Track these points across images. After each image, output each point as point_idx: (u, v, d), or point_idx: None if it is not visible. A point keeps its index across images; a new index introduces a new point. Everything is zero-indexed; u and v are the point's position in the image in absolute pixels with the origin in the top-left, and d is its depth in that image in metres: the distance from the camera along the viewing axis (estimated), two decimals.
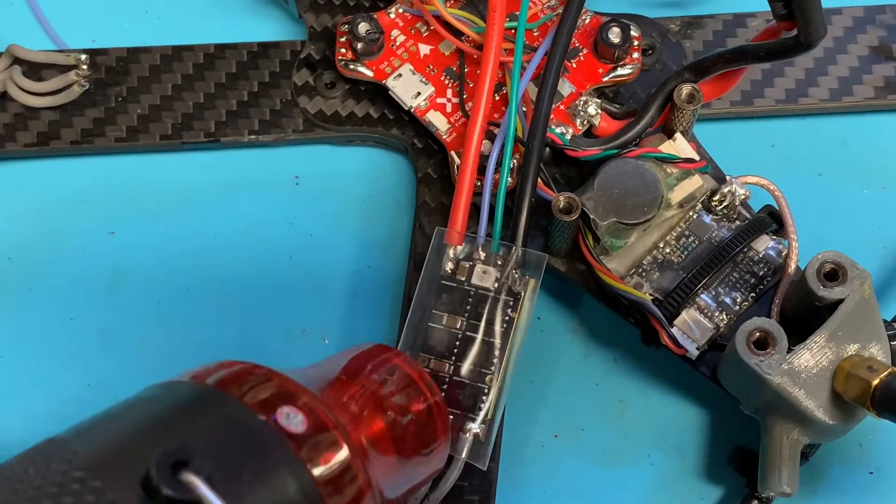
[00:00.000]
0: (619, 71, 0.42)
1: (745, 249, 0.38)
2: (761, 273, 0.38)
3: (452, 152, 0.41)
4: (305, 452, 0.28)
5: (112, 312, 0.42)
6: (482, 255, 0.38)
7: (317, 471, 0.28)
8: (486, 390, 0.36)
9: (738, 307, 0.38)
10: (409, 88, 0.42)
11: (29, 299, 0.42)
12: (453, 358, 0.37)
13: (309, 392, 0.29)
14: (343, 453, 0.29)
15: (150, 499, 0.23)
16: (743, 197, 0.38)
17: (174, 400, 0.28)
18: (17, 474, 0.25)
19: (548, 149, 0.40)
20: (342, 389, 0.32)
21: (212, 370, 0.30)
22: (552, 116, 0.40)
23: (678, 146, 0.39)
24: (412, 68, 0.42)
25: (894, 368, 0.33)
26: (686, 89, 0.39)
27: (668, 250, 0.39)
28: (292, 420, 0.28)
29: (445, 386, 0.36)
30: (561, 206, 0.37)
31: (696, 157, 0.39)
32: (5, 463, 0.26)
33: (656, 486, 0.39)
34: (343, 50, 0.42)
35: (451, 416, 0.36)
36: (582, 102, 0.41)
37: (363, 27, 0.42)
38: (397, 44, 0.43)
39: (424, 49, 0.43)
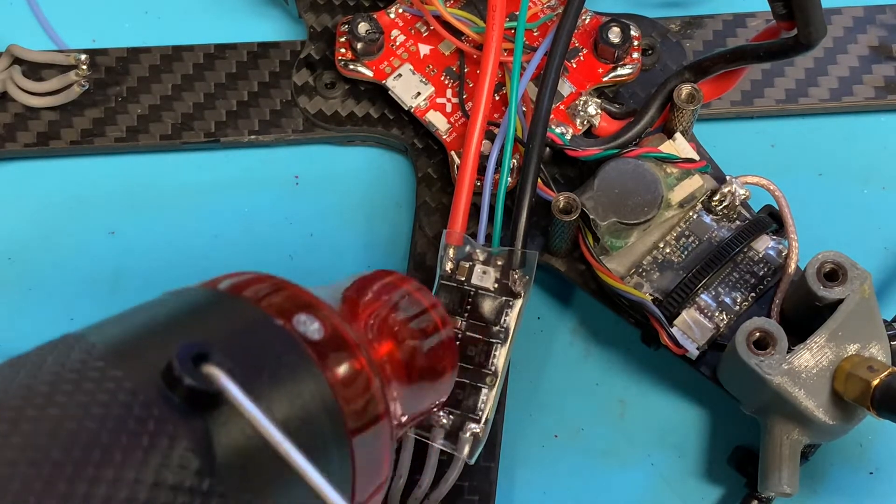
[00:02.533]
0: (619, 71, 0.42)
1: (746, 249, 0.38)
2: (761, 273, 0.38)
3: (452, 152, 0.41)
4: (322, 359, 0.28)
5: (112, 312, 0.42)
6: (481, 255, 0.38)
7: (333, 377, 0.28)
8: (485, 390, 0.36)
9: (738, 307, 0.38)
10: (409, 88, 0.42)
11: (29, 299, 0.42)
12: None
13: (325, 304, 0.29)
14: (358, 363, 0.29)
15: (171, 389, 0.23)
16: (743, 197, 0.38)
17: (190, 303, 0.28)
18: (35, 361, 0.25)
19: (548, 149, 0.40)
20: (356, 307, 0.32)
21: (222, 278, 0.30)
22: (552, 116, 0.40)
23: (678, 146, 0.39)
24: (412, 68, 0.42)
25: (894, 368, 0.33)
26: (686, 89, 0.39)
27: (668, 250, 0.39)
28: (309, 327, 0.28)
29: None
30: (561, 206, 0.37)
31: (696, 157, 0.39)
32: (23, 353, 0.26)
33: (656, 486, 0.39)
34: (343, 50, 0.42)
35: (451, 416, 0.36)
36: (582, 102, 0.41)
37: (363, 27, 0.42)
38: (397, 44, 0.43)
39: (424, 49, 0.43)
